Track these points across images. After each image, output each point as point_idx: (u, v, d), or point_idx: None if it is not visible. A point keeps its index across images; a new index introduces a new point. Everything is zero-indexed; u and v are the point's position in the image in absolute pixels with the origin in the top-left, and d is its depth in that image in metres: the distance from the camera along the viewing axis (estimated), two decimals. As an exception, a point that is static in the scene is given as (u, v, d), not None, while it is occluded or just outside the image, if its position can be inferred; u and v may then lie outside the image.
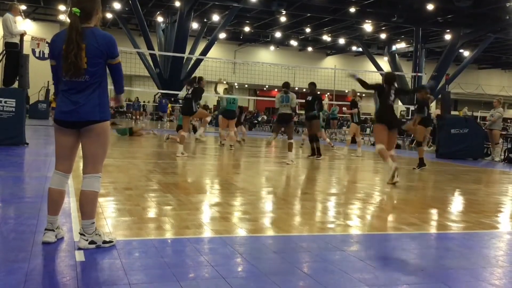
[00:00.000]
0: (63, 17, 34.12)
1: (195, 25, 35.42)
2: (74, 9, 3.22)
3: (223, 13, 32.96)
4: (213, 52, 36.15)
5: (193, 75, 12.51)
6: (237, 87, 37.97)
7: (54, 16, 35.97)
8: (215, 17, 33.88)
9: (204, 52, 33.13)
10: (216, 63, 26.39)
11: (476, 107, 38.44)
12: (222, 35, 37.92)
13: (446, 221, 5.13)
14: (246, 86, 44.33)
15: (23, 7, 31.98)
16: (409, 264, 3.48)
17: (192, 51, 34.02)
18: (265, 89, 47.22)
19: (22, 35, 10.66)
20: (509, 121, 33.10)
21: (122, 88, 3.56)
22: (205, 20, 35.39)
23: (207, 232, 4.06)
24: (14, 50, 10.51)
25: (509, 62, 46.20)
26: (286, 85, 10.41)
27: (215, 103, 36.80)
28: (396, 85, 8.02)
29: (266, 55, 45.49)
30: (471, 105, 36.27)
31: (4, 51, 10.65)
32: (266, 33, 40.04)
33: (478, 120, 25.67)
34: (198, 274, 2.98)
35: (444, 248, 4.07)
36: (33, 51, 28.21)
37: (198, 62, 33.45)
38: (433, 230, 4.83)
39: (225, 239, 3.82)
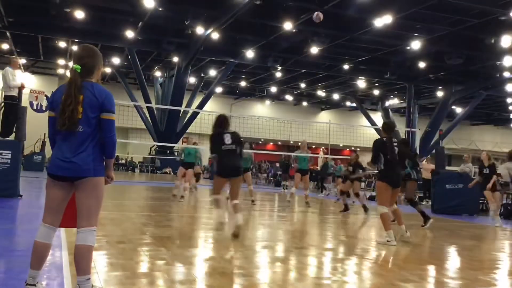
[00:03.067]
0: (62, 71, 34.72)
1: (192, 79, 36.05)
2: (75, 65, 3.29)
3: (220, 68, 33.63)
4: (210, 105, 36.62)
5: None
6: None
7: (53, 70, 36.58)
8: (212, 72, 34.54)
9: (201, 105, 33.57)
10: (212, 117, 26.52)
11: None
12: (219, 89, 38.54)
13: (444, 278, 5.06)
14: (242, 139, 44.57)
15: (23, 60, 32.61)
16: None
17: (189, 105, 34.47)
18: (260, 142, 47.54)
19: (20, 88, 10.77)
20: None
21: (113, 152, 3.36)
22: (202, 74, 36.05)
23: (201, 288, 3.98)
24: (12, 103, 10.61)
25: (501, 119, 46.87)
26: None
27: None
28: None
29: (262, 109, 46.09)
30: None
31: (3, 104, 10.74)
32: (262, 88, 40.70)
33: (473, 175, 25.64)
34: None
35: (443, 306, 4.00)
36: (31, 104, 28.37)
37: (194, 115, 33.83)
38: (431, 287, 4.75)
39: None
